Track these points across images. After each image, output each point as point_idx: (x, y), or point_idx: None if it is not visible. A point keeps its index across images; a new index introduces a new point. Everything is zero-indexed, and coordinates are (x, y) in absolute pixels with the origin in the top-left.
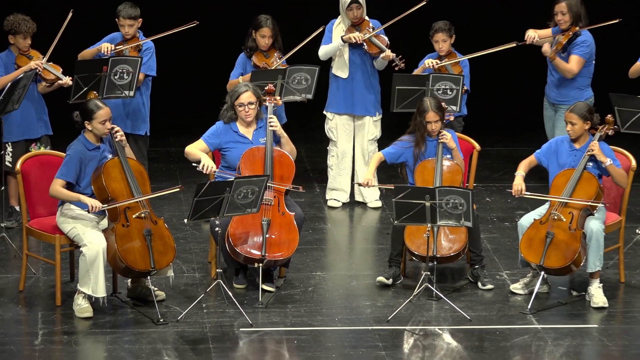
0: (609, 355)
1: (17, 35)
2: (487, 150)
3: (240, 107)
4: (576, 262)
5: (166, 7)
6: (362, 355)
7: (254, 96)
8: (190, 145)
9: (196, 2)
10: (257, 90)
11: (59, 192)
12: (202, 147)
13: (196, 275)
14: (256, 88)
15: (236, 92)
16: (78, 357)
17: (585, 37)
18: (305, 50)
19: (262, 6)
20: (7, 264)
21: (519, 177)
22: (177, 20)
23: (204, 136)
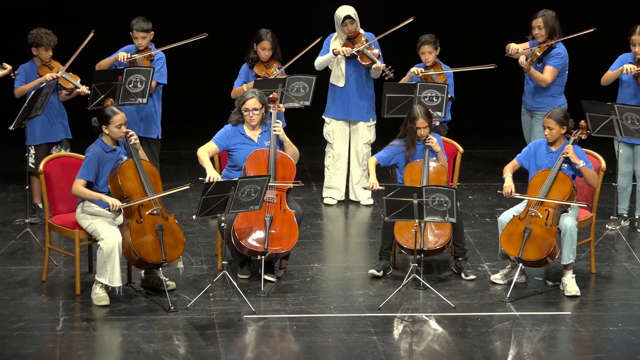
0: (581, 340)
1: (39, 47)
2: (469, 152)
3: (245, 111)
4: (551, 255)
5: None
6: (356, 339)
7: (260, 103)
8: (202, 147)
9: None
10: (263, 97)
11: (81, 192)
12: (213, 148)
13: (204, 267)
14: (262, 95)
15: (243, 97)
16: (96, 341)
17: (559, 50)
18: (304, 60)
19: (262, 20)
20: (31, 257)
21: (508, 179)
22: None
23: (215, 138)
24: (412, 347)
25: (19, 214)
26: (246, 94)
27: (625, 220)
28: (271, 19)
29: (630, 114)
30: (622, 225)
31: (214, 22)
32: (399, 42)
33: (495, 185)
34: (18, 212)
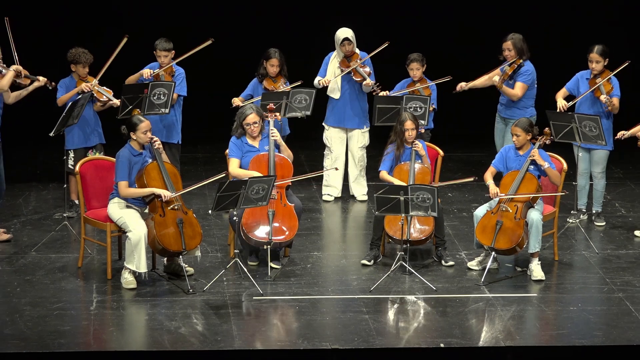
0: (545, 318)
1: (77, 64)
2: (449, 155)
3: (247, 126)
4: (520, 244)
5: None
6: (350, 318)
7: (258, 116)
8: (231, 168)
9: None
10: (260, 111)
11: (130, 192)
12: (237, 162)
13: (218, 255)
14: (259, 109)
15: (243, 114)
16: (125, 320)
17: (527, 67)
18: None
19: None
20: (68, 246)
21: (492, 185)
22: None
23: (232, 154)
24: (399, 325)
25: (58, 209)
26: (245, 110)
27: (583, 214)
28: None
29: (588, 122)
30: (581, 219)
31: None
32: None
33: (471, 184)
34: (57, 208)
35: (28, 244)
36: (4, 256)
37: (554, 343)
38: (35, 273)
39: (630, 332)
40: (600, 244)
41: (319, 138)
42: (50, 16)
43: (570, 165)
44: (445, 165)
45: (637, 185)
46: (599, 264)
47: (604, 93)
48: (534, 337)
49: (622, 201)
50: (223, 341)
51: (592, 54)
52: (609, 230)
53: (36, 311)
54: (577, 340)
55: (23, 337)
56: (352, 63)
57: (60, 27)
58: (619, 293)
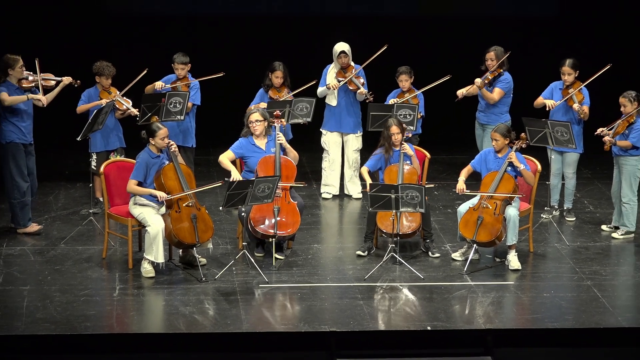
0: (521, 304)
1: (101, 76)
2: (435, 157)
3: (250, 123)
4: (499, 237)
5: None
6: (346, 304)
7: (261, 116)
8: (222, 154)
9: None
10: (265, 113)
11: (134, 189)
12: (231, 155)
13: (228, 247)
14: (264, 111)
15: (248, 114)
16: (144, 305)
17: (506, 76)
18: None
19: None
20: (94, 239)
21: (460, 181)
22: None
23: (232, 148)
24: (390, 310)
25: (84, 205)
26: (250, 111)
27: (556, 210)
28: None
29: (560, 128)
30: (553, 215)
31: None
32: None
33: (455, 183)
34: (83, 205)
35: (57, 237)
36: (36, 248)
37: (529, 326)
38: (64, 263)
39: (598, 316)
40: (570, 237)
41: (317, 142)
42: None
43: (544, 166)
44: (432, 167)
45: (604, 184)
46: (569, 255)
47: (576, 102)
48: (511, 320)
49: (591, 199)
50: (232, 324)
51: (564, 67)
52: (579, 224)
53: (65, 297)
54: (550, 323)
55: (53, 320)
56: (347, 74)
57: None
58: (588, 281)
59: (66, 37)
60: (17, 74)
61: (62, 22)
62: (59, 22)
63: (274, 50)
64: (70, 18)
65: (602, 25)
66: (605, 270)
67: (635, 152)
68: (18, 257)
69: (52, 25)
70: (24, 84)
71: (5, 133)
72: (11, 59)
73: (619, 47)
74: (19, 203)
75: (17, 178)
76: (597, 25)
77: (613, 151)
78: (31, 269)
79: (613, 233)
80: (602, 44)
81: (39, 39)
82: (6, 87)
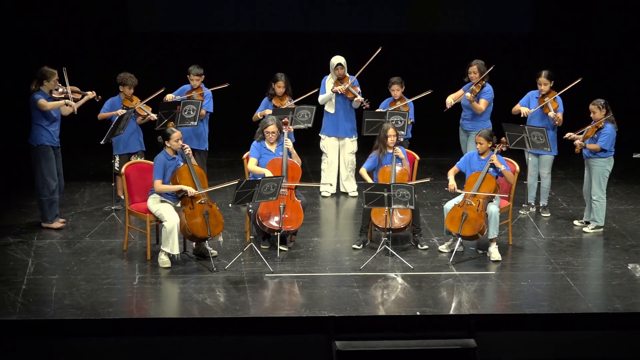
0: (501, 291)
1: (124, 86)
2: (423, 159)
3: (267, 133)
4: (481, 232)
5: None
6: (344, 291)
7: (276, 128)
8: (250, 164)
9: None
10: (279, 123)
11: (163, 188)
12: (255, 161)
13: (237, 240)
14: (279, 121)
15: (266, 123)
16: (161, 293)
17: (488, 87)
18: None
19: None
20: (116, 233)
21: (451, 179)
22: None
23: (251, 154)
24: (383, 297)
25: (107, 203)
26: (268, 121)
27: (532, 207)
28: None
29: (536, 132)
30: (530, 211)
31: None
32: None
33: (442, 183)
34: (106, 202)
35: (83, 231)
36: (64, 241)
37: (509, 311)
38: (88, 255)
39: (570, 302)
40: (546, 231)
41: (317, 145)
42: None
43: (522, 167)
44: (421, 168)
45: (576, 184)
46: (545, 247)
47: (551, 110)
48: (492, 306)
49: (564, 197)
50: (241, 310)
51: (540, 77)
52: (553, 220)
53: (89, 285)
54: (527, 309)
55: (79, 306)
56: (344, 84)
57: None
58: (561, 271)
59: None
60: (51, 86)
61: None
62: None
63: (277, 63)
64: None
65: (570, 40)
66: (577, 261)
67: (603, 154)
68: (47, 249)
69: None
70: (54, 95)
71: (36, 136)
72: (48, 72)
73: (586, 59)
74: (48, 200)
75: (47, 178)
76: (566, 40)
77: (584, 153)
78: (59, 260)
79: (584, 228)
80: (571, 57)
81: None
82: (44, 95)
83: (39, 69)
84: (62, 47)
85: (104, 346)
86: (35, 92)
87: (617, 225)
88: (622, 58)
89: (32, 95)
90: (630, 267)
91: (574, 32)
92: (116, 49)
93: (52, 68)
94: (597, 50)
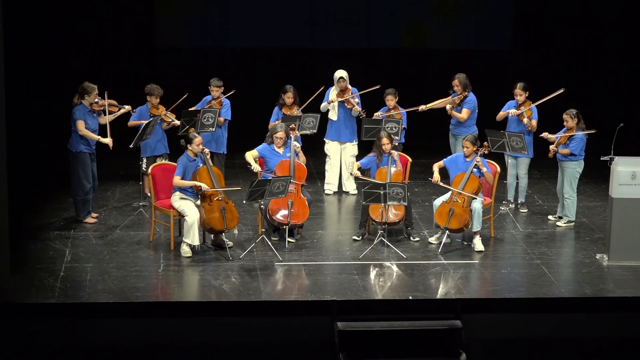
0: (484, 278)
1: (151, 96)
2: (415, 161)
3: (276, 139)
4: (466, 225)
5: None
6: (344, 278)
7: (284, 133)
8: (248, 152)
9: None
10: (287, 130)
11: (179, 183)
12: (255, 154)
13: (250, 232)
14: (287, 128)
15: (275, 130)
16: (183, 279)
17: (470, 97)
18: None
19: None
20: (143, 226)
21: (436, 173)
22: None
23: (257, 148)
24: (379, 283)
25: (135, 199)
26: (277, 127)
27: (512, 204)
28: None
29: (515, 138)
30: (510, 207)
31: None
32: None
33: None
34: (135, 199)
35: (114, 225)
36: (97, 233)
37: (491, 296)
38: (119, 245)
39: (545, 288)
40: (523, 225)
41: (321, 149)
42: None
43: (503, 168)
44: (413, 169)
45: (550, 183)
46: (522, 239)
47: (526, 117)
48: (476, 291)
49: (539, 194)
50: (253, 294)
51: (516, 89)
52: (530, 215)
53: (120, 272)
54: (507, 294)
55: (110, 291)
56: (345, 95)
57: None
58: (537, 260)
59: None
60: (91, 99)
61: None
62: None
63: (286, 76)
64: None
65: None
66: (551, 251)
67: (574, 158)
68: (82, 240)
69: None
70: (94, 107)
71: (75, 144)
72: (89, 87)
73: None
74: (81, 200)
75: (83, 180)
76: (542, 56)
77: (557, 157)
78: (93, 250)
79: (557, 222)
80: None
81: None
82: (82, 111)
83: (81, 85)
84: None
85: (132, 326)
86: (77, 106)
87: (587, 219)
88: (592, 72)
89: (74, 110)
90: (598, 257)
91: (548, 49)
92: (143, 62)
93: (92, 83)
94: (569, 65)
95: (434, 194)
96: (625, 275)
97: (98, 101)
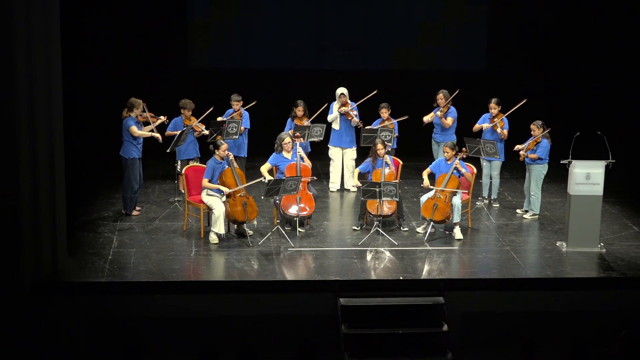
0: (463, 262)
1: (185, 109)
2: (406, 164)
3: (284, 145)
4: (448, 217)
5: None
6: (346, 262)
7: (290, 138)
8: (263, 166)
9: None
10: (291, 136)
11: (207, 185)
12: (268, 166)
13: (267, 223)
14: (291, 135)
15: (282, 138)
16: (211, 262)
17: (452, 109)
18: (320, 115)
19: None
20: (177, 217)
21: (425, 179)
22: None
23: (269, 161)
24: (375, 266)
25: (172, 195)
26: (283, 136)
27: (486, 199)
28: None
29: (489, 144)
30: (484, 202)
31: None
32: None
33: (419, 182)
34: (171, 195)
35: (154, 216)
36: (140, 223)
37: (468, 277)
38: (158, 233)
39: (514, 270)
40: (496, 217)
41: (326, 153)
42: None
43: (479, 170)
44: (404, 170)
45: (518, 182)
46: (495, 229)
47: (499, 127)
48: (456, 273)
49: (509, 192)
50: (270, 275)
51: (491, 103)
52: (501, 209)
53: (158, 256)
54: (482, 275)
55: (150, 272)
56: (345, 108)
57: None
58: (507, 247)
59: (161, 83)
60: (138, 112)
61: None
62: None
63: (298, 92)
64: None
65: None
66: (519, 239)
67: (540, 162)
68: (128, 230)
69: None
70: (140, 119)
71: (128, 151)
72: (137, 102)
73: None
74: (129, 197)
75: (132, 182)
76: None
77: (525, 161)
78: (136, 237)
79: (524, 215)
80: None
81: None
82: (132, 120)
83: (129, 100)
84: (139, 79)
85: (168, 301)
86: (127, 118)
87: (549, 213)
88: (556, 89)
89: (125, 120)
90: (558, 244)
91: (518, 69)
92: (178, 81)
93: (137, 99)
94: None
95: (421, 191)
96: (580, 259)
97: (142, 113)
